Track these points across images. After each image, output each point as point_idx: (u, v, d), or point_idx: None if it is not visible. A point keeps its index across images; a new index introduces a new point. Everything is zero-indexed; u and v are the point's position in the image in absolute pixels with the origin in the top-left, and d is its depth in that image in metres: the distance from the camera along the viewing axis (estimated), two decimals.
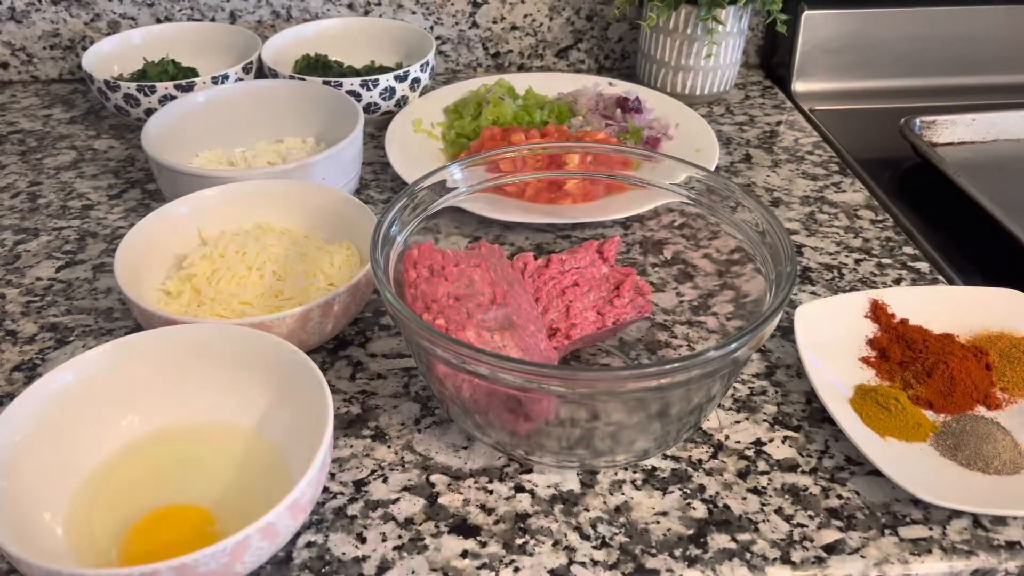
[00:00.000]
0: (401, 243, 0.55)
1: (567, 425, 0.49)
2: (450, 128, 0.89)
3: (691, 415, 0.49)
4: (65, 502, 0.49)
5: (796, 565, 0.48)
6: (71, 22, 1.03)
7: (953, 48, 1.06)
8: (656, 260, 0.64)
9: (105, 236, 0.77)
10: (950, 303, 0.64)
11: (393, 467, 0.54)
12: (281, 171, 0.71)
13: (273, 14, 1.05)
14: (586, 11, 1.07)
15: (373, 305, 0.67)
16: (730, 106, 1.02)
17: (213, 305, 0.61)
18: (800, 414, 0.58)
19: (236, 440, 0.53)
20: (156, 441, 0.53)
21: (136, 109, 0.88)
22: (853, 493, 0.53)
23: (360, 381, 0.61)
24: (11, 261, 0.73)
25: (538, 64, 1.11)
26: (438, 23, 1.06)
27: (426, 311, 0.50)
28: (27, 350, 0.64)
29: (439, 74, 1.09)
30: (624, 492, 0.52)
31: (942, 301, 0.64)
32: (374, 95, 0.89)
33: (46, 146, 0.92)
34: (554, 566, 0.48)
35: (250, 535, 0.41)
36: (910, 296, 0.64)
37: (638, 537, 0.50)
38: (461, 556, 0.48)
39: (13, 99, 1.02)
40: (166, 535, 0.47)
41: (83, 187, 0.84)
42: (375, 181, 0.85)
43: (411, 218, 0.56)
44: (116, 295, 0.69)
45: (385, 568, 0.48)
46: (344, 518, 0.51)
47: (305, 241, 0.67)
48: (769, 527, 0.50)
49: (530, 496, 0.52)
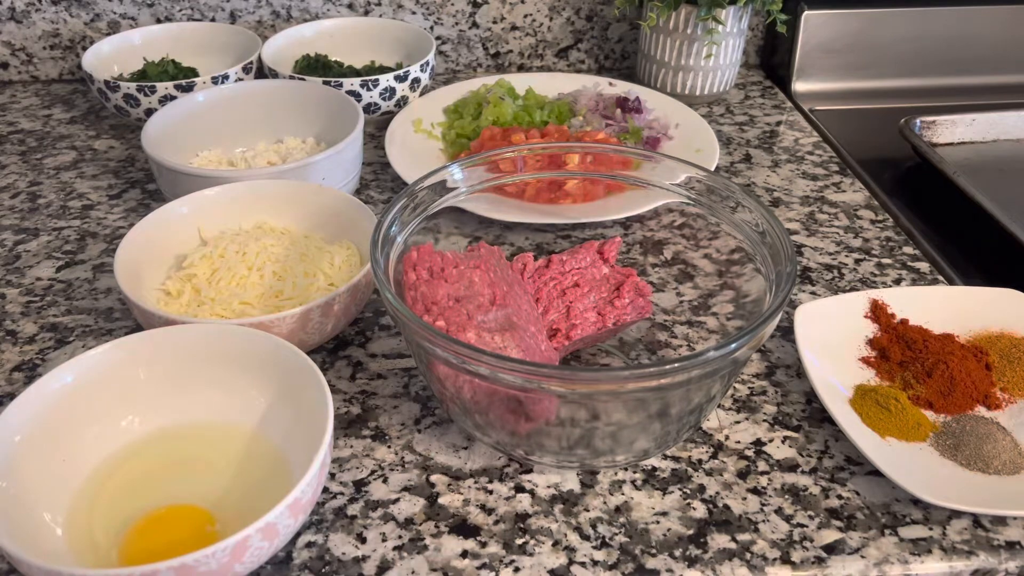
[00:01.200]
0: (401, 243, 0.55)
1: (567, 425, 0.49)
2: (450, 128, 0.89)
3: (691, 415, 0.49)
4: (65, 502, 0.49)
5: (796, 565, 0.48)
6: (71, 22, 1.03)
7: (953, 48, 1.06)
8: (656, 260, 0.64)
9: (105, 236, 0.77)
10: (950, 303, 0.64)
11: (393, 467, 0.54)
12: (281, 171, 0.71)
13: (273, 14, 1.05)
14: (586, 11, 1.07)
15: (373, 305, 0.67)
16: (730, 106, 1.02)
17: (213, 305, 0.61)
18: (800, 414, 0.58)
19: (236, 440, 0.53)
20: (156, 441, 0.53)
21: (136, 109, 0.88)
22: (853, 493, 0.53)
23: (360, 381, 0.61)
24: (11, 261, 0.73)
25: (538, 64, 1.11)
26: (438, 23, 1.06)
27: (426, 313, 0.50)
28: (27, 350, 0.64)
29: (439, 74, 1.09)
30: (624, 492, 0.52)
31: (942, 301, 0.64)
32: (374, 95, 0.89)
33: (46, 146, 0.92)
34: (554, 566, 0.48)
35: (250, 535, 0.41)
36: (910, 296, 0.64)
37: (638, 537, 0.50)
38: (461, 556, 0.48)
39: (13, 99, 1.02)
40: (166, 535, 0.47)
41: (83, 187, 0.84)
42: (375, 181, 0.85)
43: (411, 218, 0.56)
44: (116, 295, 0.69)
45: (385, 568, 0.48)
46: (344, 518, 0.51)
47: (305, 241, 0.67)
48: (769, 527, 0.50)
49: (530, 496, 0.52)
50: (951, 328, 0.62)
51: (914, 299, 0.64)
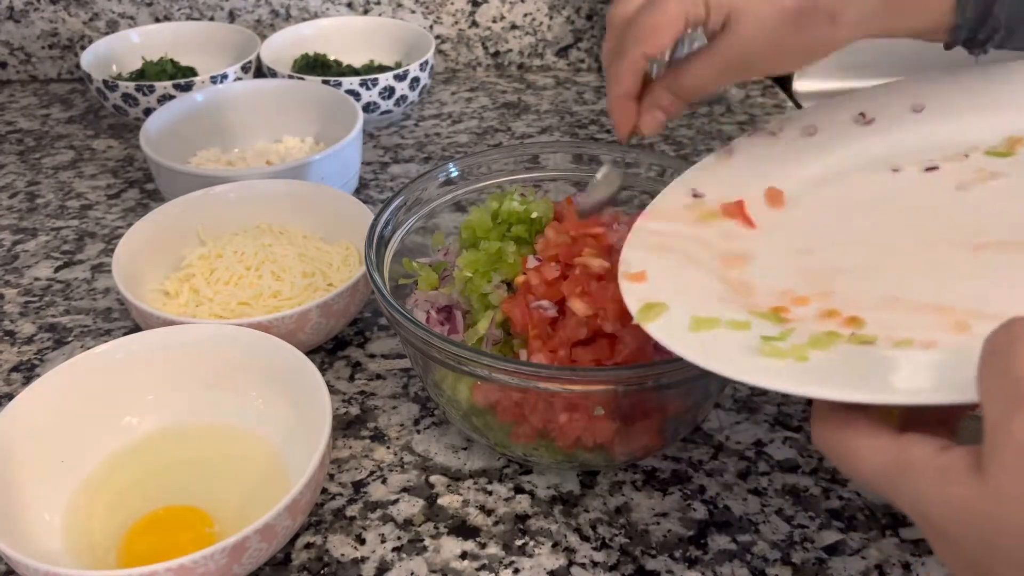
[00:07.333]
0: (397, 242, 0.55)
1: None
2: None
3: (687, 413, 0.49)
4: (64, 503, 0.48)
5: (797, 566, 0.48)
6: (69, 21, 1.03)
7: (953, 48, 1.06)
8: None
9: (103, 236, 0.77)
10: None
11: (392, 468, 0.54)
12: (280, 171, 0.71)
13: (272, 13, 1.05)
14: (586, 10, 1.07)
15: (372, 305, 0.67)
16: (731, 105, 1.01)
17: (212, 305, 0.61)
18: (800, 414, 0.58)
19: (234, 441, 0.53)
20: (154, 442, 0.53)
21: (135, 109, 0.88)
22: (854, 494, 0.52)
23: (359, 382, 0.61)
24: (9, 261, 0.73)
25: (538, 63, 1.10)
26: (437, 22, 1.06)
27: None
28: (25, 350, 0.64)
29: (439, 73, 1.09)
30: (624, 493, 0.52)
31: None
32: (373, 94, 0.88)
33: (44, 146, 0.92)
34: (554, 567, 0.48)
35: (249, 536, 0.41)
36: None
37: (638, 538, 0.49)
38: (460, 557, 0.48)
39: (11, 99, 1.02)
40: (165, 536, 0.47)
41: (81, 187, 0.84)
42: (374, 181, 0.85)
43: (407, 217, 0.56)
44: (114, 295, 0.69)
45: (384, 569, 0.48)
46: (343, 519, 0.51)
47: (304, 241, 0.67)
48: (770, 528, 0.50)
49: (529, 497, 0.52)
50: None
51: None
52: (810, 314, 0.39)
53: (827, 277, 0.41)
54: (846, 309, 0.38)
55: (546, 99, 1.02)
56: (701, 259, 0.44)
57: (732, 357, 0.36)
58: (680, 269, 0.44)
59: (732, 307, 0.40)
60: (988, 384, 0.28)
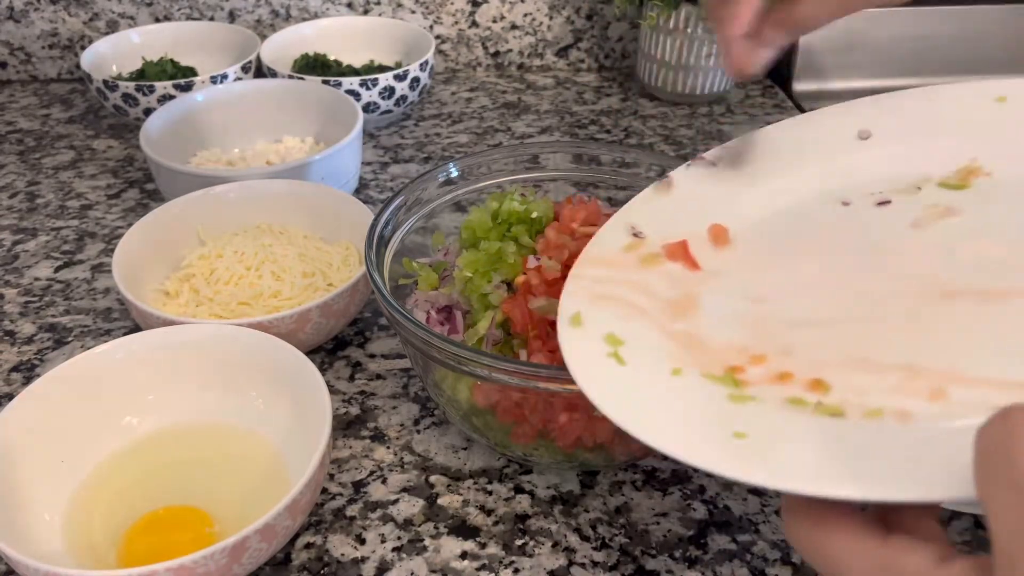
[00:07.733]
0: (397, 242, 0.55)
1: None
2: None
3: None
4: (63, 503, 0.48)
5: (797, 566, 0.48)
6: (70, 21, 1.03)
7: (953, 48, 1.06)
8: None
9: (103, 236, 0.77)
10: None
11: (392, 468, 0.54)
12: (280, 171, 0.71)
13: (272, 13, 1.05)
14: (586, 10, 1.07)
15: (372, 305, 0.67)
16: (731, 106, 1.02)
17: (211, 305, 0.61)
18: None
19: (235, 441, 0.53)
20: (154, 442, 0.53)
21: (135, 109, 0.88)
22: None
23: (359, 381, 0.61)
24: (9, 261, 0.73)
25: (538, 63, 1.10)
26: (437, 22, 1.06)
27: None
28: (25, 350, 0.64)
29: (439, 73, 1.09)
30: (624, 493, 0.52)
31: None
32: (373, 94, 0.88)
33: (44, 146, 0.92)
34: (554, 567, 0.48)
35: (248, 536, 0.41)
36: None
37: (638, 538, 0.49)
38: (460, 557, 0.48)
39: (11, 99, 1.02)
40: (164, 536, 0.47)
41: (81, 187, 0.84)
42: (374, 181, 0.85)
43: (407, 217, 0.56)
44: (114, 295, 0.69)
45: (384, 569, 0.48)
46: (343, 519, 0.51)
47: (304, 241, 0.67)
48: (769, 528, 0.50)
49: (529, 497, 0.52)
50: None
51: None
52: (769, 375, 0.35)
53: (783, 331, 0.37)
54: (808, 370, 0.35)
55: (546, 99, 1.02)
56: (646, 309, 0.41)
57: (686, 435, 0.32)
58: (624, 322, 0.40)
59: (687, 370, 0.36)
60: (991, 491, 0.24)
